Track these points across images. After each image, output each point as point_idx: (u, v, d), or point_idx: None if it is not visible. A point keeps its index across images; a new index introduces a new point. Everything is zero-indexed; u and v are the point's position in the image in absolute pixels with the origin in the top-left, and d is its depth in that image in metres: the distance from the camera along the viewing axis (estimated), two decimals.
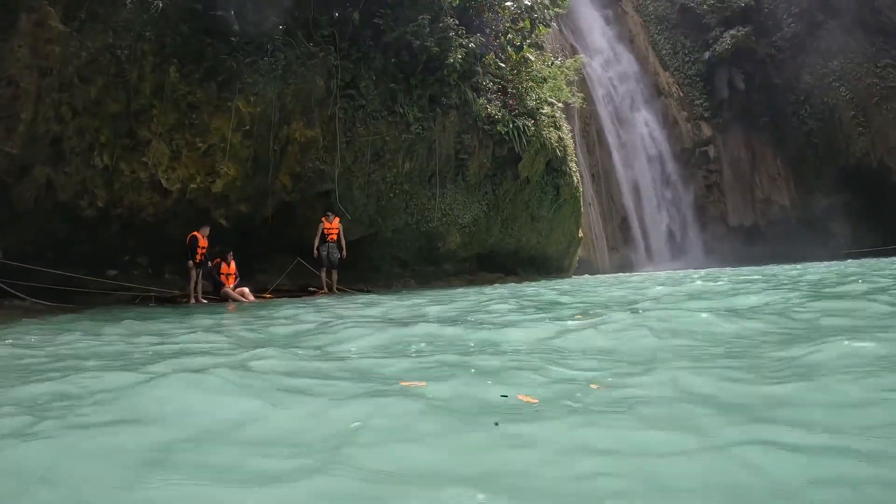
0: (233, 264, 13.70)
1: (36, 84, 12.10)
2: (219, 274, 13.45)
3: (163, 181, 13.50)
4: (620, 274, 28.61)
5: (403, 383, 2.79)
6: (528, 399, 2.47)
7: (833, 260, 28.08)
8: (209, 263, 13.40)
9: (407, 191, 17.42)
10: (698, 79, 39.34)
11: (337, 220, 15.07)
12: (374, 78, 16.84)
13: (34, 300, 11.28)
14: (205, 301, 12.74)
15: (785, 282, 11.10)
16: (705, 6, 38.61)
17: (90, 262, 12.79)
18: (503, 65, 20.30)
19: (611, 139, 36.78)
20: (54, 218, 12.54)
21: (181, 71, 13.81)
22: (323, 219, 14.90)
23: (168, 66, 13.63)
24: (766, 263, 30.40)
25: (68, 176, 12.56)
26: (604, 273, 31.02)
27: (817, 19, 37.18)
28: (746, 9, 37.86)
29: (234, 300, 12.94)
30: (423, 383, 2.74)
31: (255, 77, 14.64)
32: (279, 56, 15.07)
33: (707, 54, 38.58)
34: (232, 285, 13.48)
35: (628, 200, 36.86)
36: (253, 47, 14.80)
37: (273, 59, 14.97)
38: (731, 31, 37.52)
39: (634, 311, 5.44)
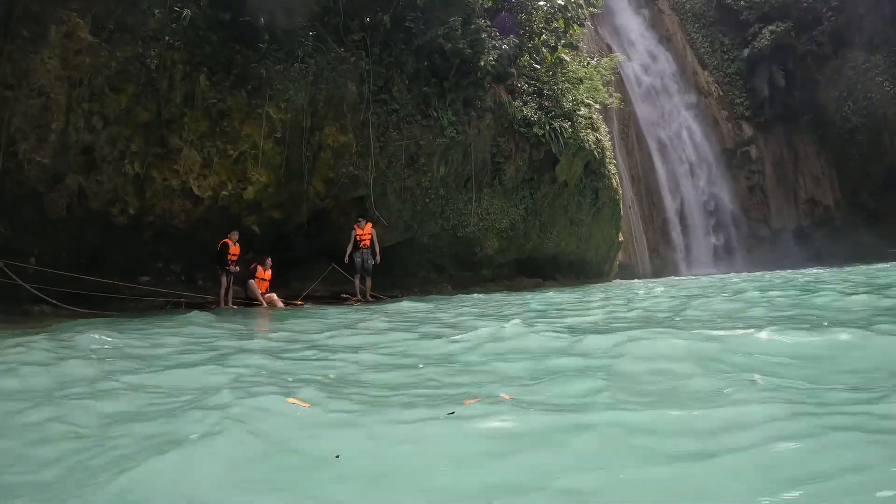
0: (269, 272, 13.12)
1: (66, 94, 11.72)
2: (253, 277, 12.87)
3: (194, 188, 12.97)
4: (706, 277, 27.15)
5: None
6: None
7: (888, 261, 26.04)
8: (237, 266, 12.81)
9: (442, 196, 16.59)
10: (738, 77, 37.39)
11: (369, 225, 14.30)
12: (406, 82, 16.10)
13: (66, 306, 10.86)
14: (234, 307, 12.15)
15: None
16: (743, 2, 36.73)
17: (123, 268, 12.32)
18: (538, 66, 19.34)
19: (650, 140, 35.22)
20: (87, 225, 12.11)
21: (211, 79, 13.28)
22: (354, 225, 14.17)
23: (198, 75, 13.12)
24: (813, 266, 28.63)
25: (100, 184, 12.13)
26: (645, 278, 29.59)
27: (858, 12, 35.02)
28: (785, 3, 35.82)
29: (255, 298, 12.38)
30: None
31: (286, 83, 14.04)
32: (310, 62, 14.45)
33: (746, 51, 36.62)
34: (264, 291, 12.90)
35: (669, 202, 35.21)
36: (283, 54, 14.21)
37: (304, 65, 14.35)
38: (770, 27, 35.56)
39: None
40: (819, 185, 37.09)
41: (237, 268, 12.46)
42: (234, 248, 12.42)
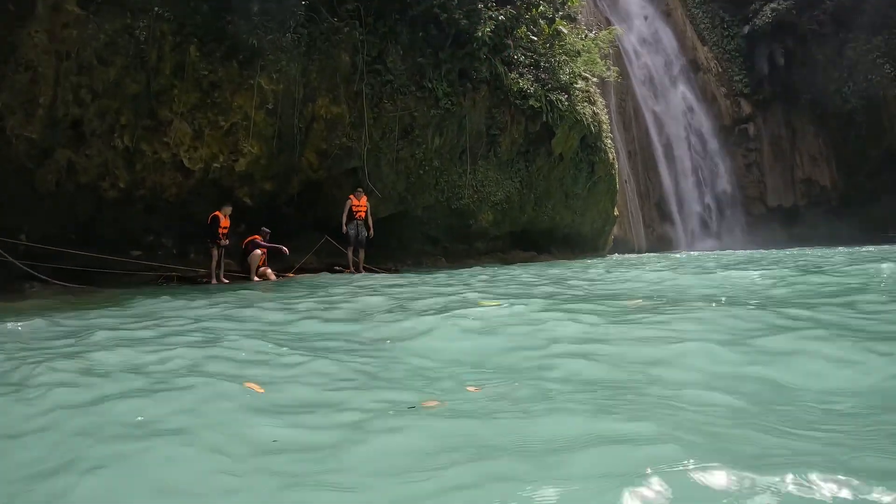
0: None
1: (54, 68, 11.33)
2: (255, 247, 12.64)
3: (185, 161, 12.66)
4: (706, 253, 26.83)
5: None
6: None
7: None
8: (227, 239, 12.51)
9: (437, 167, 16.29)
10: (738, 54, 36.70)
11: (365, 198, 14.05)
12: (401, 52, 15.71)
13: (58, 282, 10.64)
14: (226, 281, 11.91)
15: None
16: None
17: (114, 243, 12.04)
18: (535, 38, 18.89)
19: (647, 115, 34.71)
20: (77, 200, 11.80)
21: (202, 50, 12.88)
22: (351, 196, 13.90)
23: (188, 46, 12.72)
24: (809, 245, 28.36)
25: (89, 158, 11.79)
26: (641, 253, 29.32)
27: None
28: None
29: (250, 270, 12.15)
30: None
31: (278, 54, 13.66)
32: (302, 32, 14.05)
33: (746, 28, 35.96)
34: (261, 264, 12.69)
35: (666, 178, 34.81)
36: (275, 24, 13.78)
37: (296, 35, 13.96)
38: (772, 5, 34.85)
39: None
40: (816, 165, 36.62)
41: (227, 241, 12.19)
42: (225, 221, 12.14)
